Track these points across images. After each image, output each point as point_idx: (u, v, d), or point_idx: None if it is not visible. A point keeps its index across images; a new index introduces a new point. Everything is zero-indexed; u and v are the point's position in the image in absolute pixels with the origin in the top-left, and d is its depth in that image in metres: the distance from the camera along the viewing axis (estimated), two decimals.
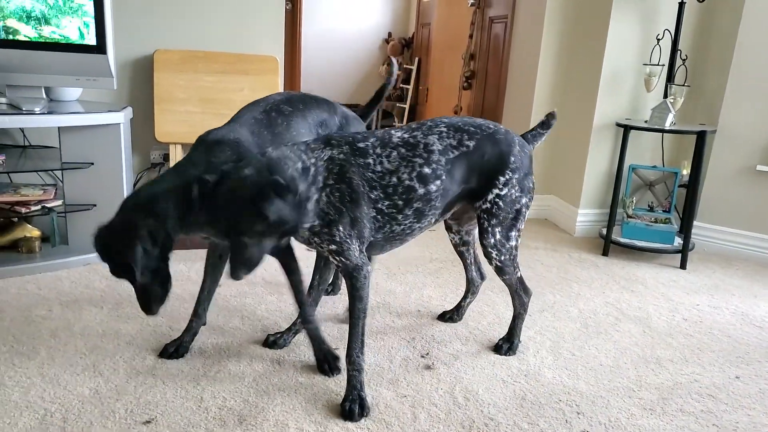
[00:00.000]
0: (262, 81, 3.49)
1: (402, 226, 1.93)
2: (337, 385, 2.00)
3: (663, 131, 3.39)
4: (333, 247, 1.82)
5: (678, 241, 3.42)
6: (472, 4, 5.23)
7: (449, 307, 2.62)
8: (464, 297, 2.54)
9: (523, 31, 4.26)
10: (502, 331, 2.44)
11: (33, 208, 2.82)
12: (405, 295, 2.77)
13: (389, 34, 7.78)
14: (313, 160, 1.78)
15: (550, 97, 4.00)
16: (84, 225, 2.82)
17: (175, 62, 3.38)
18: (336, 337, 2.32)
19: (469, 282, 2.51)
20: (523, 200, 2.10)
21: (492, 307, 2.68)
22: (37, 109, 2.68)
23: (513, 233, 2.11)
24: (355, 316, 1.87)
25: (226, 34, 3.53)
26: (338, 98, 7.76)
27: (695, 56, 3.63)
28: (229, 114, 3.39)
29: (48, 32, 2.70)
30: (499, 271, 2.15)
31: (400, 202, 1.88)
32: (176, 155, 3.35)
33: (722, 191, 3.57)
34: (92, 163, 2.84)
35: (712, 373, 2.23)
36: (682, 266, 3.33)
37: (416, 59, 7.32)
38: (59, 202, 2.89)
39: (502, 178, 2.03)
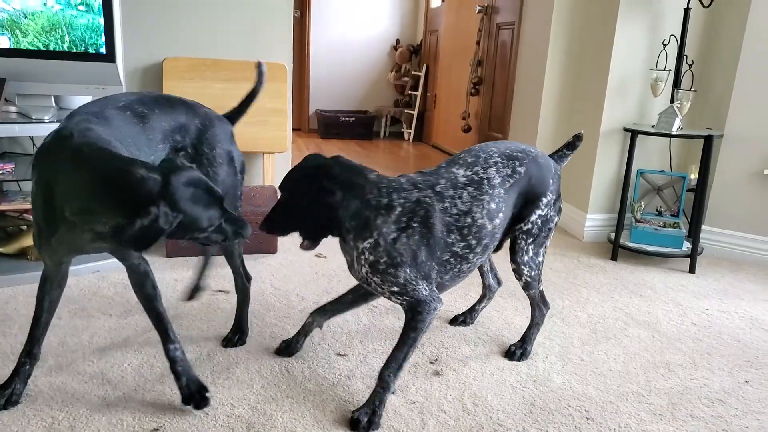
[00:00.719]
0: (271, 88, 3.50)
1: (470, 264, 1.96)
2: (346, 392, 2.00)
3: (670, 136, 3.39)
4: (395, 289, 1.81)
5: (687, 246, 3.41)
6: (479, 11, 5.24)
7: (459, 312, 2.62)
8: (479, 301, 2.56)
9: (530, 38, 4.26)
10: (511, 336, 2.44)
11: None
12: None
13: (397, 41, 7.80)
14: (401, 200, 1.80)
15: (558, 102, 4.01)
16: None
17: (183, 70, 3.41)
18: (344, 343, 2.33)
19: (486, 287, 2.53)
20: (556, 219, 2.15)
21: (501, 312, 2.68)
22: (46, 118, 2.69)
23: (542, 250, 2.15)
24: (405, 342, 1.83)
25: (235, 41, 3.55)
26: (347, 105, 7.80)
27: (701, 61, 3.63)
28: (238, 120, 3.44)
29: (59, 41, 2.73)
30: (527, 286, 2.19)
31: (474, 242, 1.90)
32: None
33: (730, 195, 3.56)
34: None
35: (722, 377, 2.22)
36: (691, 270, 3.32)
37: (424, 66, 7.34)
38: None
39: (544, 200, 2.07)
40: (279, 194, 1.89)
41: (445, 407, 1.95)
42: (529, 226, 2.07)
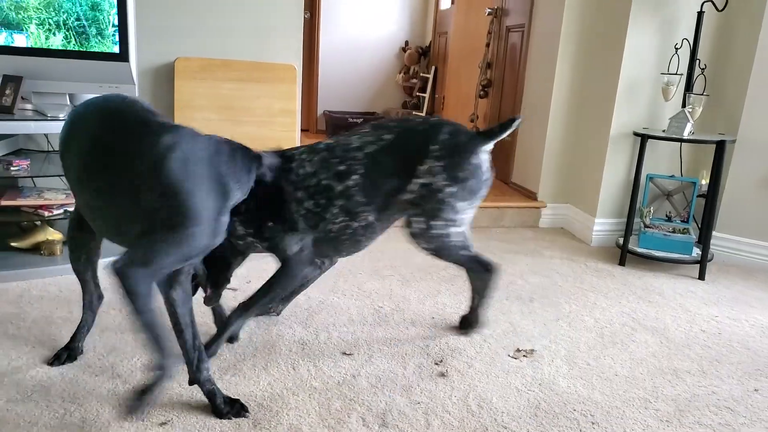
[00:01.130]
0: (280, 89, 3.52)
1: (336, 225, 2.05)
2: (351, 390, 2.00)
3: (681, 141, 3.37)
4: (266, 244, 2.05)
5: (696, 252, 3.38)
6: (489, 13, 5.23)
7: (461, 313, 2.61)
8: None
9: (540, 40, 4.25)
10: (517, 340, 2.43)
11: (55, 211, 2.88)
12: (419, 302, 2.76)
13: (406, 43, 7.79)
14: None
15: (567, 106, 3.99)
16: None
17: (195, 70, 3.41)
18: (350, 343, 2.33)
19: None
20: (449, 189, 2.03)
21: (507, 315, 2.67)
22: (61, 115, 2.73)
23: (437, 222, 2.08)
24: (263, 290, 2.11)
25: (246, 42, 3.56)
26: (355, 106, 7.80)
27: (714, 65, 3.61)
28: (247, 121, 3.44)
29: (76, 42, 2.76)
30: (436, 255, 2.17)
31: (323, 201, 2.01)
32: None
33: (742, 201, 3.53)
34: None
35: (731, 385, 2.20)
36: (701, 277, 3.30)
37: (433, 68, 7.33)
38: None
39: (421, 168, 2.02)
40: None
41: (449, 408, 1.94)
42: (408, 195, 2.04)
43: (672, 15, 3.49)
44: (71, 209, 2.88)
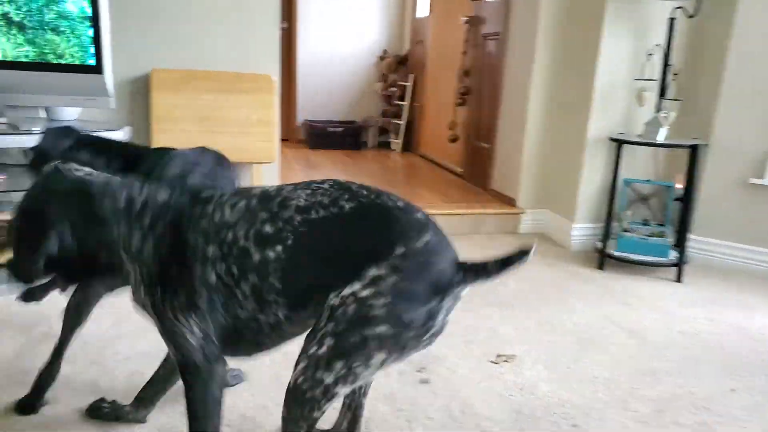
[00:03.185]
0: (258, 99, 3.51)
1: (248, 312, 1.36)
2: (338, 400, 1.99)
3: (656, 145, 3.42)
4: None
5: (673, 255, 3.43)
6: (465, 22, 5.27)
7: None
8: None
9: (516, 48, 4.30)
10: (498, 345, 2.45)
11: None
12: None
13: (384, 52, 7.82)
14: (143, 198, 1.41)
15: (544, 112, 4.03)
16: None
17: (171, 81, 3.41)
18: None
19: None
20: (380, 327, 1.23)
21: (488, 321, 2.68)
22: (36, 129, 2.69)
23: (338, 364, 1.26)
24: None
25: (223, 53, 3.55)
26: (335, 115, 7.81)
27: (687, 71, 3.67)
28: (225, 132, 3.44)
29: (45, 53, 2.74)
30: (288, 401, 1.33)
31: (234, 268, 1.33)
32: None
33: (717, 204, 3.59)
34: None
35: (708, 385, 2.24)
36: (678, 279, 3.34)
37: (411, 76, 7.37)
38: None
39: (372, 271, 1.24)
40: None
41: (432, 415, 1.95)
42: (335, 301, 1.25)
43: (645, 21, 3.55)
44: None
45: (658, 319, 2.81)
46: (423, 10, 7.22)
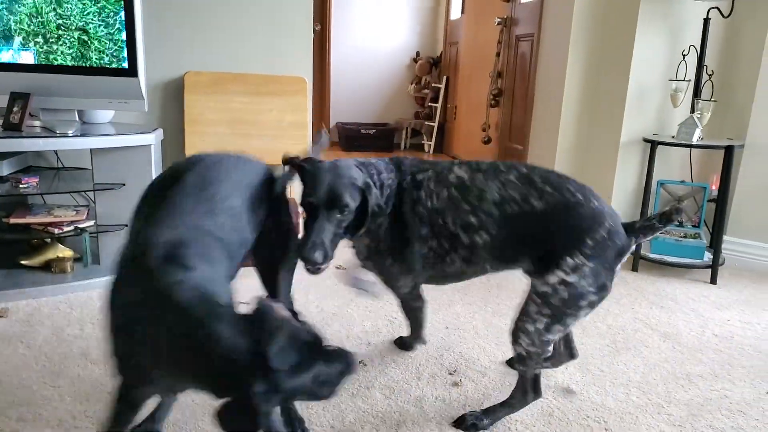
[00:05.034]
0: (291, 102, 3.56)
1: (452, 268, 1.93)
2: (365, 402, 2.03)
3: (690, 146, 3.39)
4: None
5: (708, 257, 3.40)
6: (498, 23, 5.27)
7: (478, 324, 2.63)
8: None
9: (549, 49, 4.28)
10: None
11: (66, 228, 2.89)
12: (433, 312, 2.78)
13: (417, 53, 7.84)
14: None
15: (577, 113, 4.02)
16: (115, 245, 2.85)
17: (205, 84, 3.46)
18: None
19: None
20: (591, 297, 1.71)
21: None
22: (70, 132, 2.73)
23: (558, 327, 1.77)
24: None
25: (255, 55, 3.60)
26: (367, 117, 7.86)
27: (722, 71, 3.63)
28: (258, 134, 3.48)
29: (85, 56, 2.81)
30: (520, 360, 1.85)
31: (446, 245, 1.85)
32: None
33: (752, 205, 3.54)
34: (123, 184, 2.90)
35: (743, 389, 2.22)
36: (713, 281, 3.31)
37: (444, 78, 7.38)
38: (91, 223, 2.95)
39: (570, 261, 1.69)
40: (301, 209, 1.88)
41: None
42: (546, 289, 1.75)
43: (679, 22, 3.52)
44: (81, 225, 2.91)
45: (693, 322, 2.79)
46: (456, 11, 7.22)
